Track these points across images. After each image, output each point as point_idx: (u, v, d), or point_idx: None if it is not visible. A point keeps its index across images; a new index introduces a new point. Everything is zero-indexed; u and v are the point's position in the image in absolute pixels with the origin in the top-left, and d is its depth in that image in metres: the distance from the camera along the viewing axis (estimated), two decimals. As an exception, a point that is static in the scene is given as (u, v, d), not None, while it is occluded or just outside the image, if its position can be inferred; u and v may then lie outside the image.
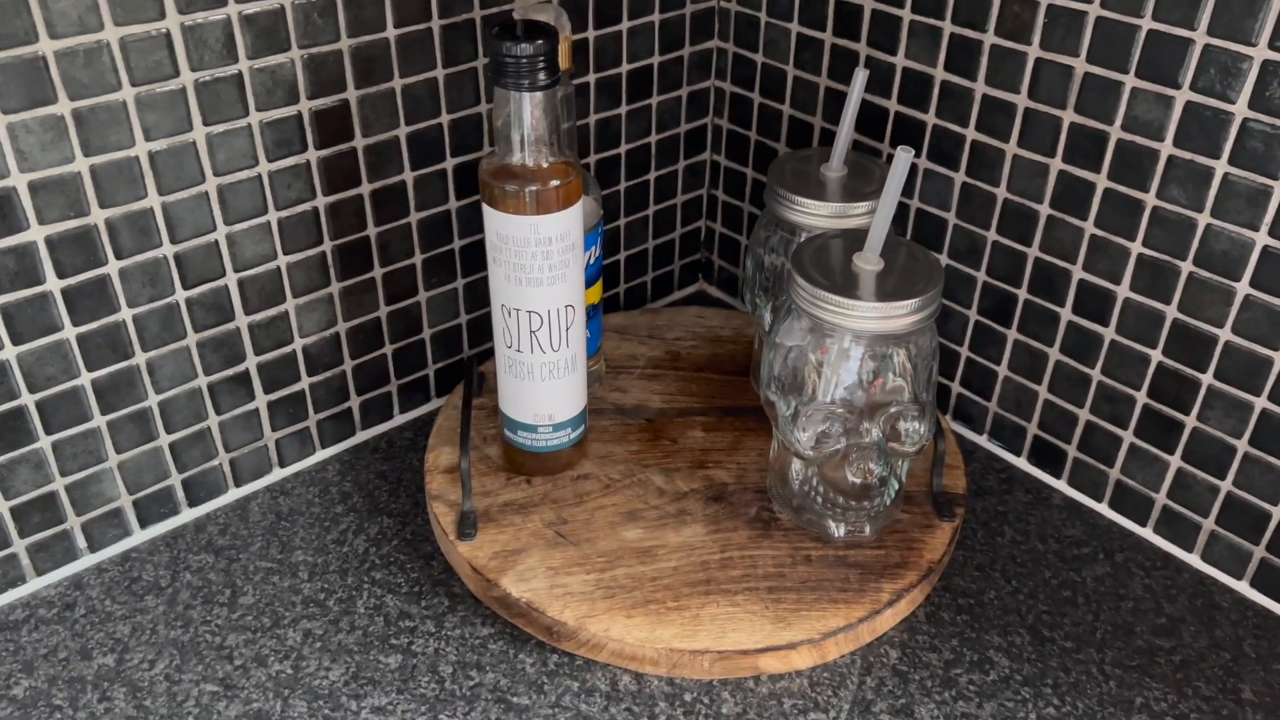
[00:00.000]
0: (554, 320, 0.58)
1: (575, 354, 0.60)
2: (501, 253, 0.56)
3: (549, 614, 0.56)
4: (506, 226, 0.55)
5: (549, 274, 0.56)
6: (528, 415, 0.61)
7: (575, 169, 0.55)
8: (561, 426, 0.62)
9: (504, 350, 0.60)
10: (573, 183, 0.55)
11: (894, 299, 0.52)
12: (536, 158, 0.54)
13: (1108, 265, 0.60)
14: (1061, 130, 0.60)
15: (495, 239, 0.56)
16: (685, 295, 0.89)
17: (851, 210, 0.62)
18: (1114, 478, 0.65)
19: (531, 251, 0.55)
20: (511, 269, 0.56)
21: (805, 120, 0.74)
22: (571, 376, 0.61)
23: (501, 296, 0.58)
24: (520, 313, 0.57)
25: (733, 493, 0.64)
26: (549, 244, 0.55)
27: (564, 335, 0.59)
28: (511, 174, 0.54)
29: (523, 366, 0.60)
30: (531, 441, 0.63)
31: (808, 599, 0.57)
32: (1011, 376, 0.68)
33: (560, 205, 0.55)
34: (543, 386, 0.60)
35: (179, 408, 0.61)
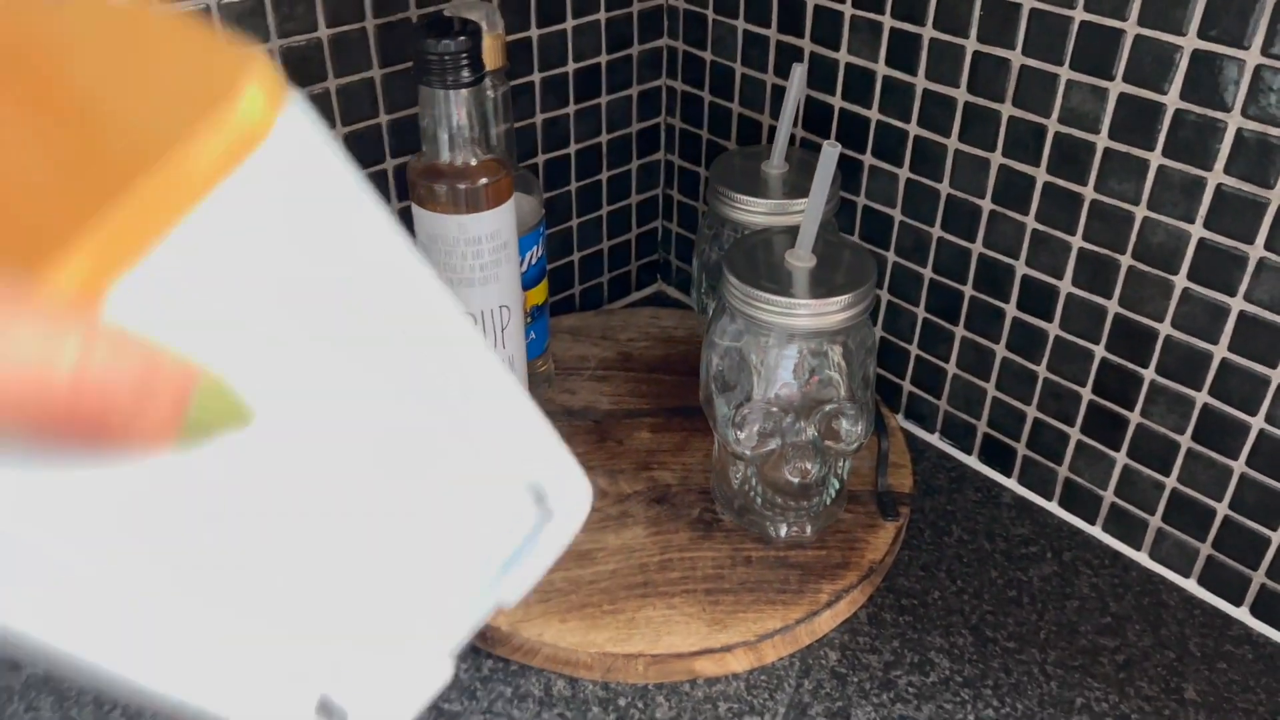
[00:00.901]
0: (488, 321, 0.57)
1: (513, 355, 0.59)
2: (431, 253, 0.55)
3: (482, 618, 0.55)
4: (435, 226, 0.54)
5: (480, 274, 0.55)
6: None
7: (505, 167, 0.55)
8: None
9: None
10: (502, 180, 0.54)
11: (826, 295, 0.52)
12: (464, 156, 0.54)
13: (1050, 260, 0.60)
14: (1001, 124, 0.59)
15: (425, 239, 0.55)
16: (644, 296, 0.88)
17: (790, 207, 0.61)
18: (1063, 475, 0.64)
19: (461, 251, 0.55)
20: (442, 269, 0.55)
21: (754, 118, 0.73)
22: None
23: None
24: None
25: (676, 494, 0.63)
26: (478, 243, 0.55)
27: (499, 337, 0.58)
28: (438, 173, 0.54)
29: None
30: None
31: (745, 600, 0.56)
32: (960, 374, 0.68)
33: (489, 204, 0.54)
34: None
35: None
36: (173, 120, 0.16)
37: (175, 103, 0.17)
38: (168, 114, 0.16)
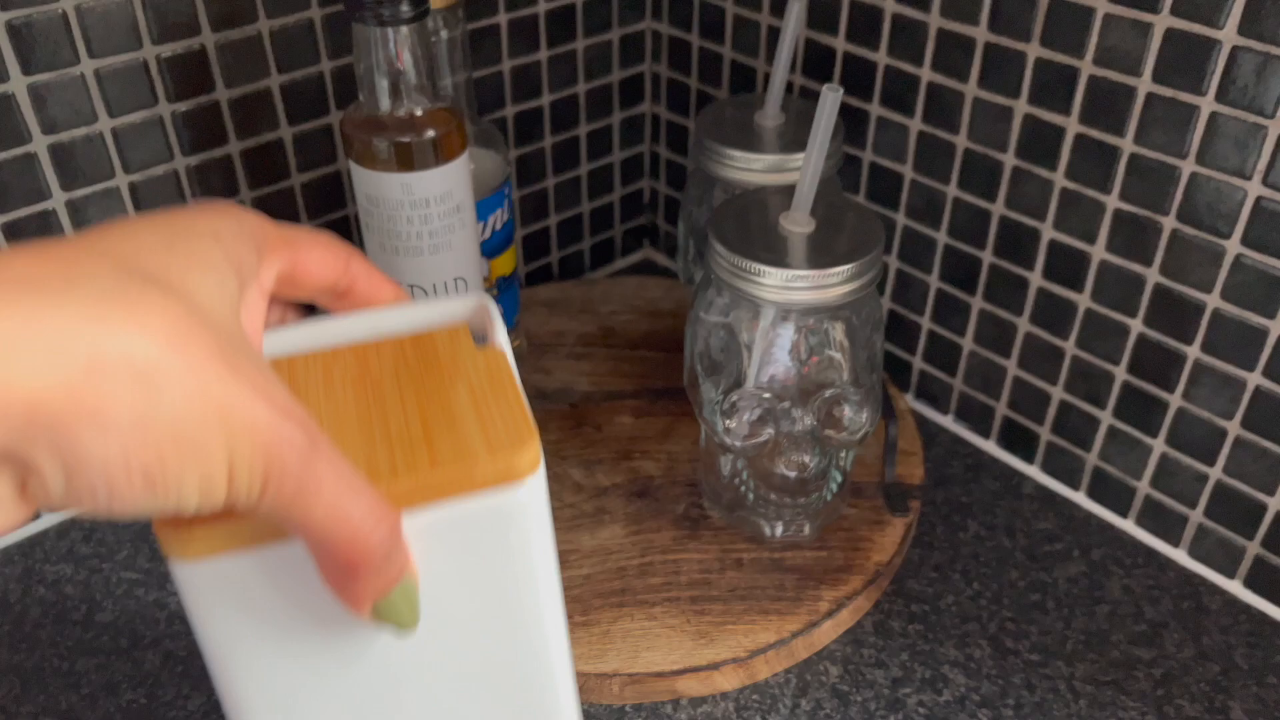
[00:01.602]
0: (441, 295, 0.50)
1: None
2: (373, 218, 0.48)
3: (438, 632, 0.49)
4: (375, 186, 0.47)
5: (430, 241, 0.49)
6: None
7: (458, 117, 0.48)
8: None
9: None
10: (453, 133, 0.47)
11: (826, 265, 0.45)
12: (408, 106, 0.46)
13: (1080, 223, 0.53)
14: (1026, 67, 0.52)
15: (365, 201, 0.48)
16: (631, 263, 0.81)
17: (788, 163, 0.54)
18: (1091, 464, 0.58)
19: (406, 215, 0.48)
20: (386, 236, 0.48)
21: (748, 64, 0.66)
22: None
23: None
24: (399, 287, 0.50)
25: (659, 487, 0.57)
26: (426, 206, 0.48)
27: None
28: (379, 125, 0.46)
29: None
30: None
31: (735, 610, 0.50)
32: (978, 350, 0.61)
33: (439, 160, 0.47)
34: None
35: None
36: (470, 443, 0.27)
37: (476, 433, 0.27)
38: (472, 439, 0.27)
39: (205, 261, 0.22)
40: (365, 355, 0.30)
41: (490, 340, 0.31)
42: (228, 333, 0.21)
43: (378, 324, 0.32)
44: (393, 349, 0.31)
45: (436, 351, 0.30)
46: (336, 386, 0.29)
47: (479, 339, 0.31)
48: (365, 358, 0.30)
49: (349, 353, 0.31)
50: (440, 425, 0.27)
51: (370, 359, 0.30)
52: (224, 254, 0.23)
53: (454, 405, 0.28)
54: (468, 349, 0.30)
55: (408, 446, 0.27)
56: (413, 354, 0.30)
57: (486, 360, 0.30)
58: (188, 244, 0.23)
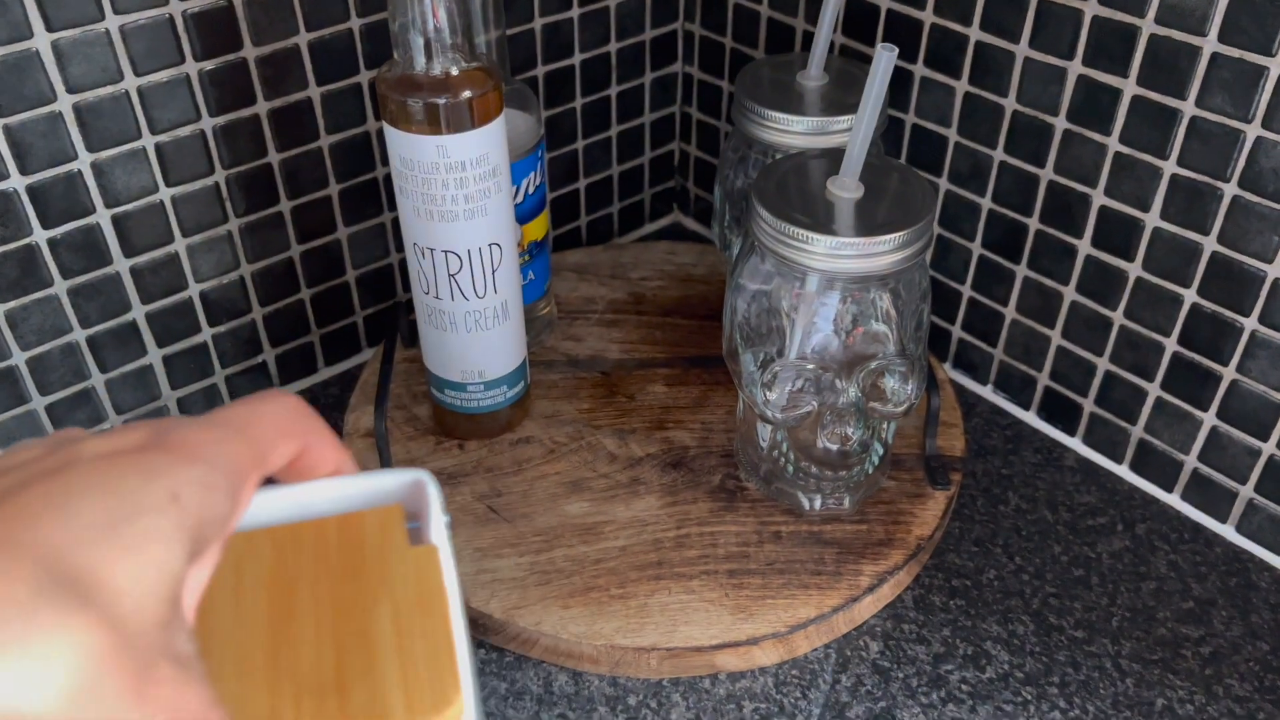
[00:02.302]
0: (476, 262, 0.49)
1: (506, 300, 0.51)
2: (408, 181, 0.47)
3: (473, 604, 0.48)
4: (410, 149, 0.46)
5: (465, 206, 0.47)
6: (454, 372, 0.53)
7: (494, 78, 0.46)
8: (495, 384, 0.54)
9: (422, 297, 0.51)
10: (490, 94, 0.46)
11: (875, 232, 0.43)
12: (444, 65, 0.45)
13: (1134, 188, 0.51)
14: (1082, 26, 0.50)
15: (399, 164, 0.47)
16: (659, 228, 0.79)
17: (831, 126, 0.52)
18: (1136, 436, 0.56)
19: (442, 179, 0.46)
20: (420, 200, 0.47)
21: (786, 22, 0.64)
22: (503, 327, 0.52)
23: (413, 234, 0.49)
24: (435, 253, 0.49)
25: (694, 458, 0.56)
26: (462, 169, 0.46)
27: (489, 279, 0.50)
28: (414, 85, 0.45)
29: (444, 316, 0.51)
30: (461, 402, 0.54)
31: (774, 584, 0.49)
32: (1020, 319, 0.59)
33: (475, 122, 0.45)
34: (470, 339, 0.52)
35: (53, 364, 0.53)
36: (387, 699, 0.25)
37: (395, 684, 0.25)
38: (389, 693, 0.25)
39: (147, 540, 0.21)
40: (284, 545, 0.28)
41: (424, 534, 0.29)
42: (146, 645, 0.20)
43: (304, 497, 0.29)
44: (315, 538, 0.28)
45: (364, 545, 0.28)
46: (248, 593, 0.27)
47: (413, 523, 0.29)
48: (283, 549, 0.28)
49: (267, 540, 0.28)
50: (356, 666, 0.25)
51: (288, 551, 0.28)
52: (176, 523, 0.21)
53: (374, 637, 0.26)
54: (398, 545, 0.28)
55: (317, 695, 0.25)
56: (336, 548, 0.28)
57: (418, 566, 0.27)
58: (132, 524, 0.21)
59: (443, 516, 0.30)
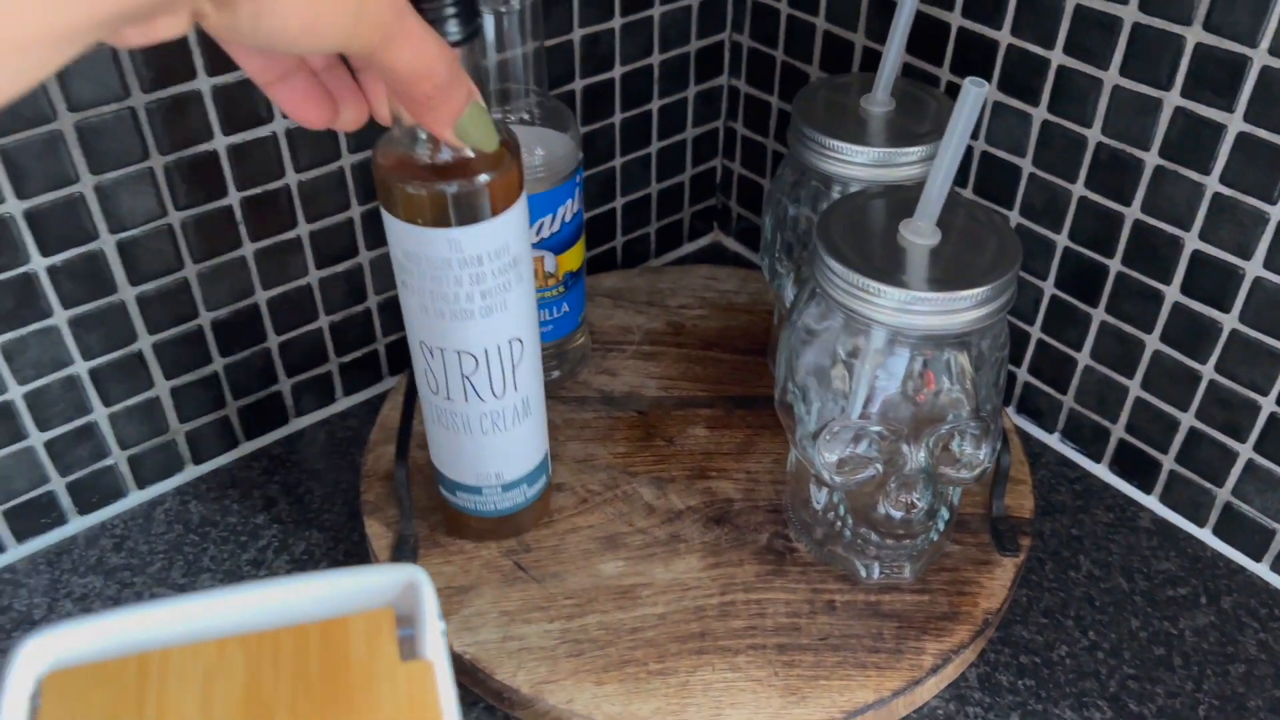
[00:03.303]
0: (494, 361, 0.42)
1: (528, 397, 0.45)
2: (413, 277, 0.39)
3: (498, 676, 0.44)
4: (415, 242, 0.38)
5: (482, 303, 0.40)
6: (468, 475, 0.46)
7: (514, 150, 0.39)
8: (514, 485, 0.47)
9: (429, 396, 0.44)
10: (511, 174, 0.38)
11: (954, 286, 0.39)
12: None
13: (1234, 234, 0.46)
14: (1183, 53, 0.45)
15: (403, 258, 0.39)
16: (698, 249, 0.75)
17: (898, 158, 0.48)
18: (1222, 499, 0.52)
19: (454, 276, 0.39)
20: (428, 298, 0.40)
21: (844, 37, 0.59)
22: (524, 425, 0.45)
23: (419, 331, 0.42)
24: (446, 353, 0.42)
25: (739, 512, 0.51)
26: (478, 264, 0.39)
27: (509, 378, 0.43)
28: (417, 168, 0.37)
29: (456, 418, 0.44)
30: (476, 505, 0.47)
31: (828, 662, 0.45)
32: (1094, 366, 0.55)
33: (494, 209, 0.38)
34: (486, 441, 0.45)
35: (52, 399, 0.49)
36: None
37: None
38: None
39: None
40: (260, 658, 0.25)
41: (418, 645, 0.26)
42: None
43: (283, 596, 0.27)
44: (295, 649, 0.25)
45: (349, 659, 0.25)
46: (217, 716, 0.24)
47: (405, 630, 0.26)
48: (259, 663, 0.25)
49: (240, 650, 0.25)
50: None
51: (265, 666, 0.25)
52: None
53: None
54: (388, 659, 0.25)
55: None
56: (318, 663, 0.25)
57: (410, 686, 0.25)
58: None
59: (439, 624, 0.27)
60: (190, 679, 0.26)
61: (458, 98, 0.32)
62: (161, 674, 0.26)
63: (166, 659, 0.26)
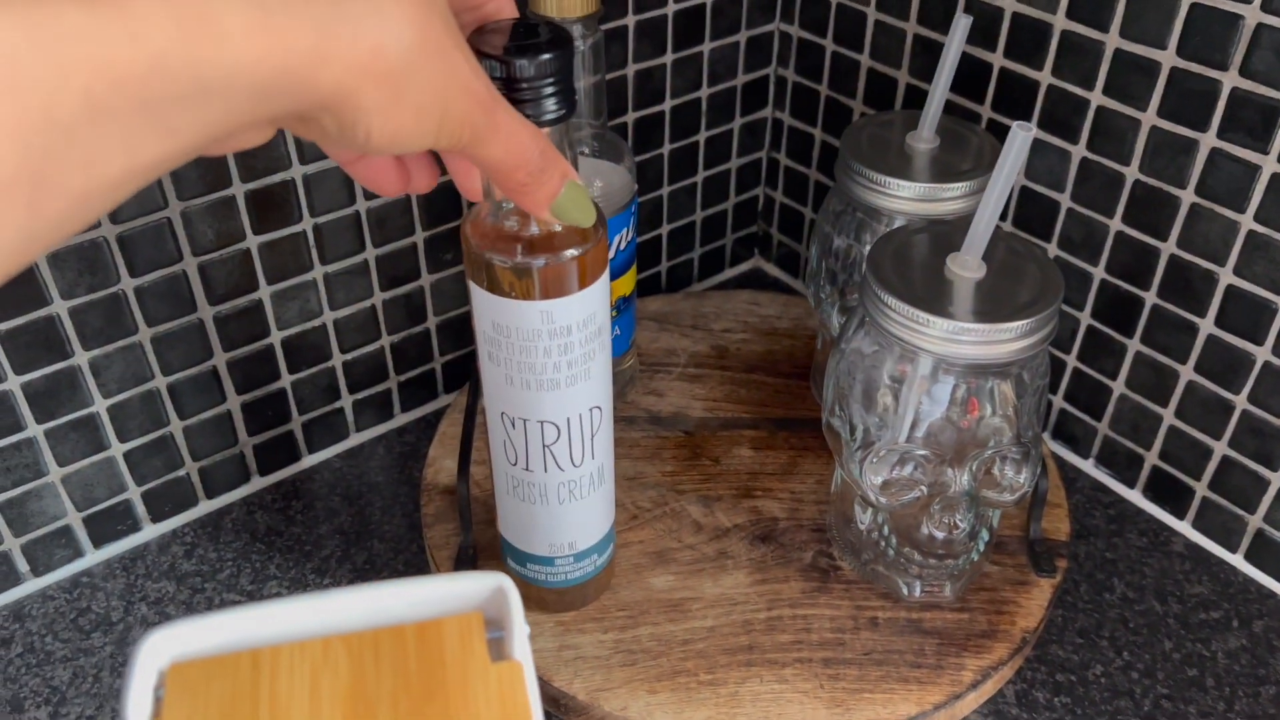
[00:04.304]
0: (575, 430, 0.43)
1: (603, 464, 0.45)
2: (500, 349, 0.40)
3: (555, 683, 0.46)
4: (507, 314, 0.39)
5: (567, 373, 0.41)
6: (541, 546, 0.46)
7: (600, 221, 0.39)
8: (586, 554, 0.47)
9: (506, 468, 0.44)
10: (599, 246, 0.39)
11: (1000, 319, 0.41)
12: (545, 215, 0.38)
13: (1268, 269, 0.48)
14: (1219, 97, 0.47)
15: (490, 330, 0.40)
16: (739, 274, 0.77)
17: (942, 192, 0.50)
18: (1254, 525, 0.53)
19: (544, 346, 0.39)
20: (516, 369, 0.40)
21: (888, 74, 0.62)
22: (598, 493, 0.46)
23: (501, 403, 0.42)
24: (529, 424, 0.42)
25: (784, 530, 0.53)
26: (567, 335, 0.39)
27: (588, 446, 0.44)
28: (510, 240, 0.37)
29: (534, 489, 0.44)
30: (547, 576, 0.47)
31: (872, 676, 0.47)
32: (1129, 395, 0.56)
33: (584, 281, 0.39)
34: (562, 511, 0.45)
35: (133, 412, 0.52)
36: None
37: None
38: None
39: None
40: (362, 656, 0.28)
41: (506, 647, 0.28)
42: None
43: (380, 601, 0.29)
44: (393, 649, 0.28)
45: (444, 659, 0.27)
46: (324, 710, 0.26)
47: (494, 632, 0.28)
48: (361, 661, 0.28)
49: (343, 648, 0.28)
50: None
51: (367, 664, 0.27)
52: None
53: None
54: (479, 659, 0.27)
55: None
56: (416, 661, 0.27)
57: (501, 684, 0.27)
58: None
59: (524, 627, 0.29)
60: (299, 673, 0.28)
61: (553, 181, 0.32)
62: (273, 668, 0.28)
63: (277, 655, 0.28)
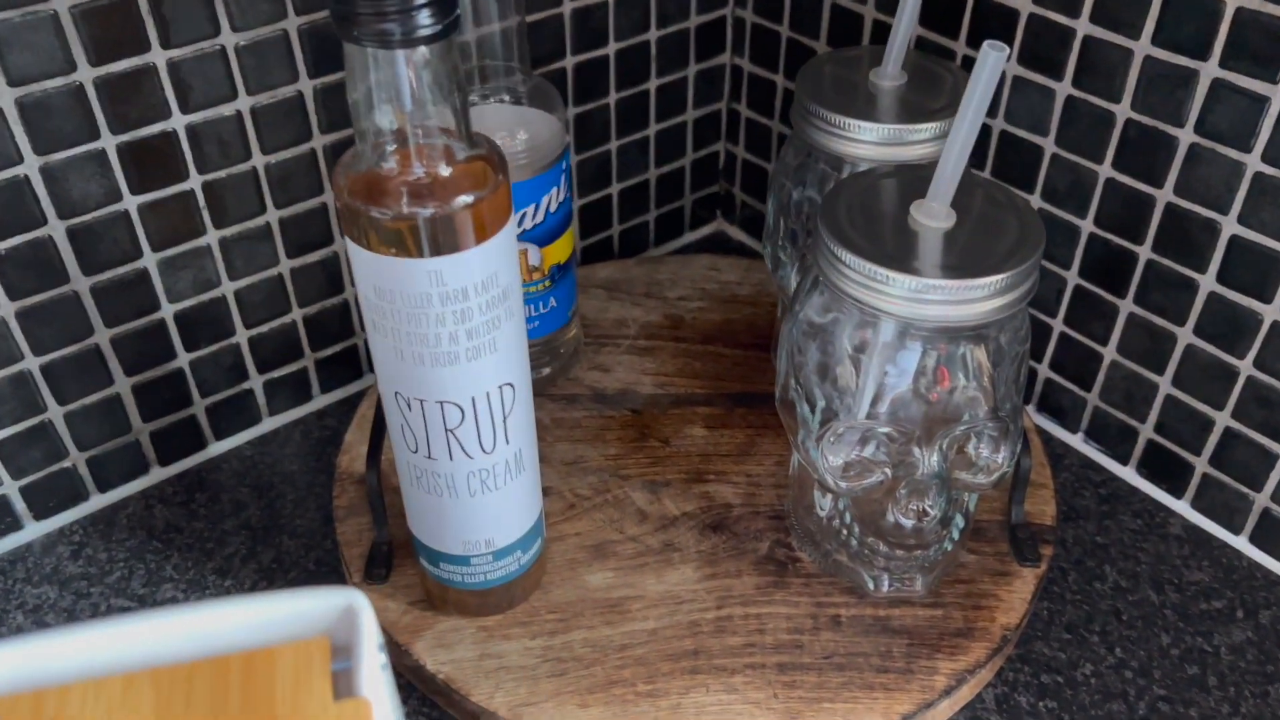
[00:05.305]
0: (484, 410, 0.36)
1: (520, 449, 0.39)
2: (386, 317, 0.34)
3: (474, 698, 0.41)
4: (389, 277, 0.33)
5: (467, 344, 0.34)
6: (453, 544, 0.40)
7: (498, 165, 0.33)
8: (507, 552, 0.41)
9: (406, 456, 0.38)
10: (498, 193, 0.33)
11: (971, 274, 0.35)
12: (431, 157, 0.32)
13: (1278, 217, 0.42)
14: (1222, 21, 0.41)
15: (373, 296, 0.33)
16: (700, 238, 0.71)
17: (910, 134, 0.44)
18: (1260, 505, 0.48)
19: (436, 314, 0.33)
20: (405, 341, 0.34)
21: (852, 9, 0.56)
22: (517, 483, 0.40)
23: (393, 381, 0.36)
24: (427, 404, 0.36)
25: (738, 519, 0.48)
26: (464, 299, 0.33)
27: (499, 430, 0.37)
28: (386, 189, 0.32)
29: (439, 479, 0.38)
30: (464, 577, 0.41)
31: (832, 683, 0.41)
32: (1121, 361, 0.51)
33: (482, 234, 0.32)
34: (474, 504, 0.39)
35: (3, 397, 0.46)
36: None
37: None
38: None
39: None
40: (171, 696, 0.22)
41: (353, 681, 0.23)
42: None
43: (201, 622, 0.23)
44: (212, 686, 0.23)
45: (273, 698, 0.22)
46: None
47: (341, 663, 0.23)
48: (170, 701, 0.22)
49: (149, 686, 0.23)
50: None
51: (176, 706, 0.22)
52: None
53: None
54: (319, 697, 0.22)
55: None
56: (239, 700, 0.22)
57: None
58: None
59: (379, 656, 0.23)
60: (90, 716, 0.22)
61: None
62: (58, 714, 0.22)
63: (65, 696, 0.23)
